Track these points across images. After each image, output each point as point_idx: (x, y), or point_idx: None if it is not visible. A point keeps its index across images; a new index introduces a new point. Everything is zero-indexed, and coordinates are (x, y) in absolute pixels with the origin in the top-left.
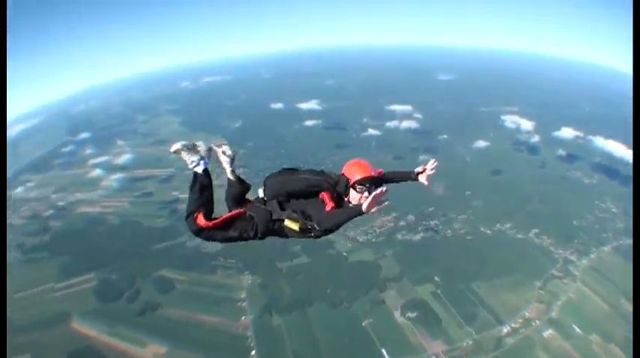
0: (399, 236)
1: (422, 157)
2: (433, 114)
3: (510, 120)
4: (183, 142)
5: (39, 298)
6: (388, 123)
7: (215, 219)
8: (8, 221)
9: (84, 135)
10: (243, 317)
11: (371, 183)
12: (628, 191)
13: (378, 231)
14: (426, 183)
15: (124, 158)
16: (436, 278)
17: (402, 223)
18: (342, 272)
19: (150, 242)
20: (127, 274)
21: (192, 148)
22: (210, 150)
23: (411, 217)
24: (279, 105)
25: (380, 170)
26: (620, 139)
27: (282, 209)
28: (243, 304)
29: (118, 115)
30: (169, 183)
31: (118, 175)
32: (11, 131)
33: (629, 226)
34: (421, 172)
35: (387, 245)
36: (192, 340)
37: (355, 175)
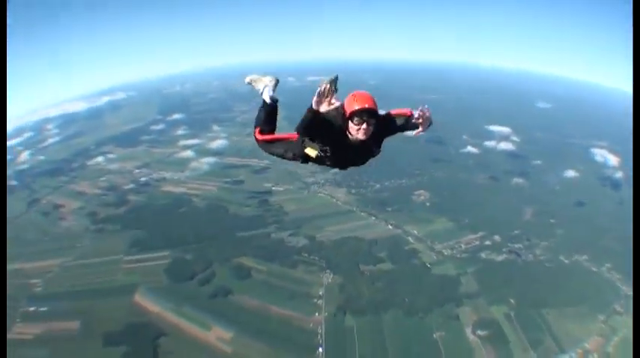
0: (483, 255)
1: (515, 180)
2: (529, 140)
3: (600, 154)
4: (254, 75)
5: (104, 268)
6: (487, 143)
7: (267, 135)
8: (79, 189)
9: (177, 116)
10: (316, 314)
11: (369, 115)
12: None
13: (464, 247)
14: (420, 129)
15: (218, 143)
16: (511, 300)
17: (487, 242)
18: (422, 282)
19: (234, 228)
20: (203, 257)
21: (261, 80)
22: (276, 81)
23: (496, 238)
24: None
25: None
26: None
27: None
28: (319, 301)
29: (216, 101)
30: (263, 174)
31: (210, 159)
32: (96, 102)
33: None
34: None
35: (470, 262)
36: (259, 329)
37: (353, 106)
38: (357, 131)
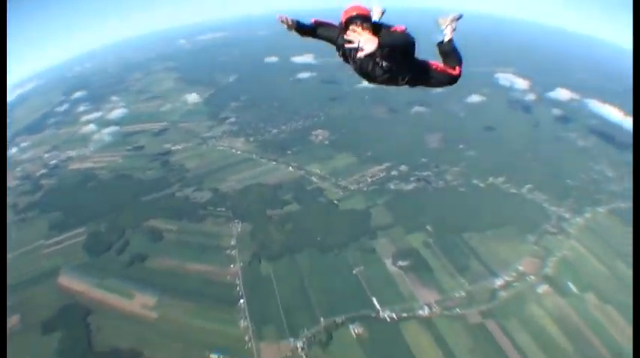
0: (392, 185)
1: (416, 109)
2: None
3: (504, 78)
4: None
5: (29, 256)
6: None
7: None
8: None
9: (78, 94)
10: (232, 266)
11: (361, 20)
12: (623, 157)
13: (369, 179)
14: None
15: (117, 113)
16: (428, 227)
17: (394, 173)
18: (332, 220)
19: (140, 194)
20: (116, 226)
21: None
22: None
23: (403, 167)
24: (273, 59)
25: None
26: (617, 105)
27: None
28: (232, 252)
29: (113, 75)
30: (162, 136)
31: (111, 129)
32: (9, 97)
33: (625, 190)
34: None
35: (378, 194)
36: (181, 290)
37: (344, 16)
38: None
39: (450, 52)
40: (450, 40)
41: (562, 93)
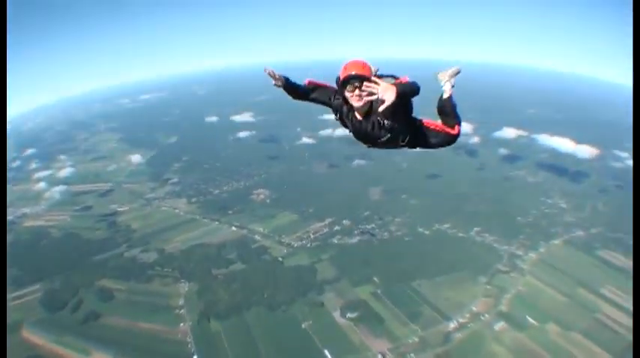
0: (335, 240)
1: (357, 162)
2: None
3: None
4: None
5: None
6: (322, 132)
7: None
8: None
9: (30, 151)
10: (181, 324)
11: (357, 80)
12: (578, 186)
13: (312, 236)
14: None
15: (66, 172)
16: (375, 278)
17: (337, 228)
18: (278, 277)
19: (90, 253)
20: (69, 284)
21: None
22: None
23: (346, 222)
24: (213, 119)
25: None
26: (568, 135)
27: None
28: (181, 311)
29: (61, 133)
30: (108, 196)
31: (61, 187)
32: None
33: (580, 219)
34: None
35: (322, 249)
36: (134, 348)
37: (341, 75)
38: (351, 98)
39: (449, 109)
40: (450, 97)
41: (508, 132)
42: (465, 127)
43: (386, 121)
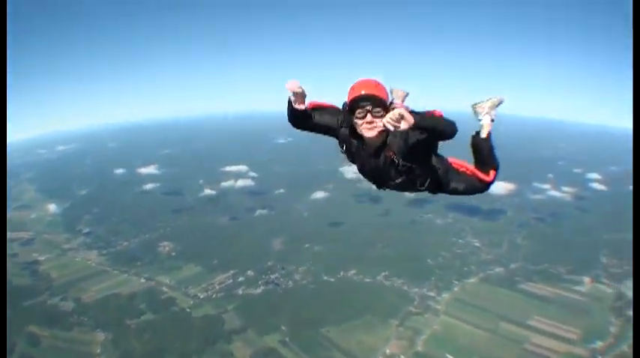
0: (240, 291)
1: (259, 212)
2: (269, 173)
3: (350, 171)
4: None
5: None
6: (224, 184)
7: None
8: None
9: None
10: None
11: (369, 103)
12: (494, 224)
13: (217, 287)
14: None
15: None
16: (283, 327)
17: (241, 279)
18: (186, 327)
19: (19, 299)
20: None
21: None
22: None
23: (250, 272)
24: (121, 171)
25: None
26: None
27: None
28: None
29: None
30: (30, 245)
31: None
32: None
33: (496, 255)
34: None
35: (228, 300)
36: None
37: (349, 96)
38: (361, 126)
39: (486, 150)
40: (489, 136)
41: None
42: None
43: (401, 161)
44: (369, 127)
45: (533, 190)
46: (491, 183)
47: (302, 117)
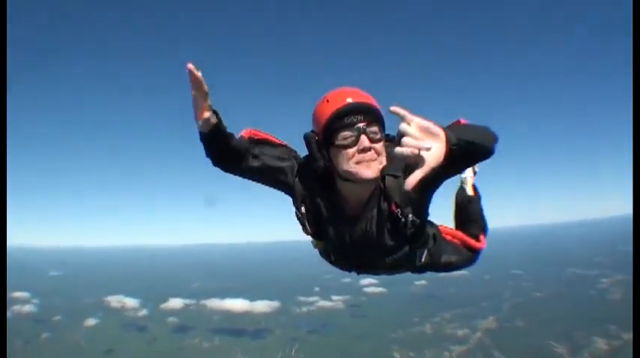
0: None
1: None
2: (48, 304)
3: (115, 301)
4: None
5: None
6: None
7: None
8: None
9: None
10: None
11: (364, 115)
12: (263, 342)
13: None
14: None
15: None
16: None
17: None
18: None
19: None
20: None
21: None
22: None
23: None
24: None
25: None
26: (240, 296)
27: None
28: None
29: None
30: None
31: None
32: None
33: None
34: None
35: None
36: None
37: (329, 111)
38: (351, 160)
39: (475, 209)
40: (475, 190)
41: (174, 303)
42: (131, 303)
43: (411, 216)
44: (367, 159)
45: (299, 304)
46: (480, 251)
47: (227, 155)
